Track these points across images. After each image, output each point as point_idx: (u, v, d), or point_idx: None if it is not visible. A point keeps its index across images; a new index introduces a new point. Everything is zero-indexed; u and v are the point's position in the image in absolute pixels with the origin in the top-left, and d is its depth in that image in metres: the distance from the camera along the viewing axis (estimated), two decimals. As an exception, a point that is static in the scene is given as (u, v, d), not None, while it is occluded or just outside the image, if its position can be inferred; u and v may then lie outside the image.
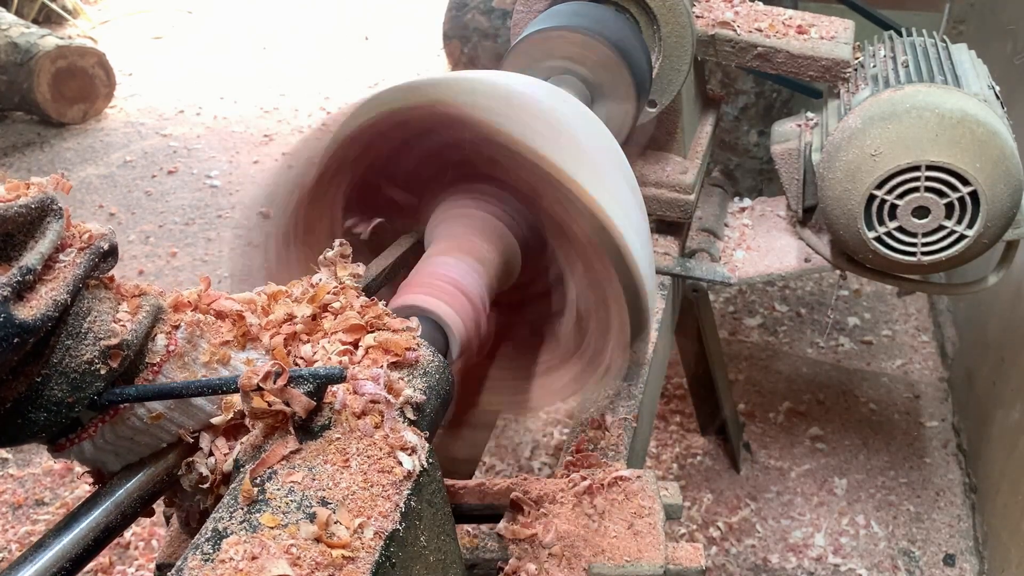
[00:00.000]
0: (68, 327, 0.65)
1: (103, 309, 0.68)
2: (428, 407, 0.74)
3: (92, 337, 0.66)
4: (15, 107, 4.12)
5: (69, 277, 0.64)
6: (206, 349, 0.73)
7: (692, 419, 2.44)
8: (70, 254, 0.66)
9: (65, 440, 0.69)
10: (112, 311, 0.68)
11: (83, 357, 0.65)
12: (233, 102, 4.49)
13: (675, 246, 1.68)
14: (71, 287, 0.64)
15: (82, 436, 0.68)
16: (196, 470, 0.72)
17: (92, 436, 0.69)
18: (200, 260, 3.16)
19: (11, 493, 2.15)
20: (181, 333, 0.71)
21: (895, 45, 1.68)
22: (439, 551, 0.70)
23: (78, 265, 0.65)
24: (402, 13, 5.79)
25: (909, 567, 2.05)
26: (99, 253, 0.67)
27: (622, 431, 1.15)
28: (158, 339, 0.70)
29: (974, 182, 1.40)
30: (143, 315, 0.69)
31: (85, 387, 0.66)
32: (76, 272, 0.65)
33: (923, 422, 2.48)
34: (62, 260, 0.65)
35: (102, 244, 0.68)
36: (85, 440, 0.69)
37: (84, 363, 0.65)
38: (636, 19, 1.54)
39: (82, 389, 0.66)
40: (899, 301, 2.98)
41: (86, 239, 0.67)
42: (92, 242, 0.67)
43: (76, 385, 0.65)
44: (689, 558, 0.93)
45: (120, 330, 0.67)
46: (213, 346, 0.73)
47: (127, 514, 0.70)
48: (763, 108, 3.10)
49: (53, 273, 0.64)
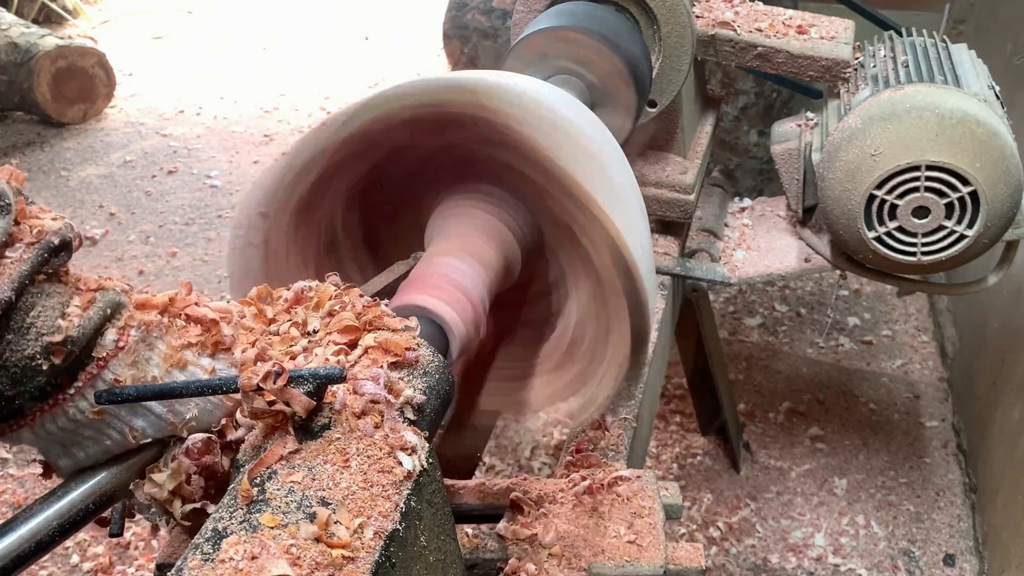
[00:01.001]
0: (11, 322, 0.65)
1: (50, 304, 0.67)
2: (428, 407, 0.74)
3: (35, 333, 0.66)
4: (15, 107, 4.12)
5: (14, 274, 0.65)
6: (163, 350, 0.72)
7: (692, 419, 2.43)
8: (17, 250, 0.66)
9: (4, 426, 0.69)
10: (61, 306, 0.68)
11: (24, 352, 0.65)
12: (233, 102, 4.49)
13: (675, 246, 1.68)
14: (15, 284, 0.64)
15: (20, 424, 0.69)
16: (152, 483, 0.72)
17: (30, 424, 0.69)
18: (200, 260, 3.16)
19: (11, 493, 2.15)
20: (134, 331, 0.71)
21: (895, 45, 1.68)
22: (439, 551, 0.70)
23: (24, 261, 0.65)
24: (402, 13, 5.79)
25: (909, 567, 2.05)
26: (48, 248, 0.67)
27: (622, 431, 1.15)
28: (107, 334, 0.70)
29: (974, 182, 1.40)
30: (94, 310, 0.69)
31: (26, 381, 0.66)
32: (22, 268, 0.65)
33: (923, 422, 2.48)
34: (8, 256, 0.65)
35: (52, 240, 0.68)
36: (24, 428, 0.69)
37: (25, 358, 0.65)
38: (636, 19, 1.54)
39: (23, 383, 0.66)
40: (899, 301, 2.98)
41: (36, 234, 0.67)
42: (41, 237, 0.67)
43: (16, 379, 0.66)
44: (689, 558, 0.93)
45: (66, 326, 0.67)
46: (172, 348, 0.72)
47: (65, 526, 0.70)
48: (763, 108, 3.10)
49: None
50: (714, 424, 2.36)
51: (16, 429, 0.69)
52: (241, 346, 0.75)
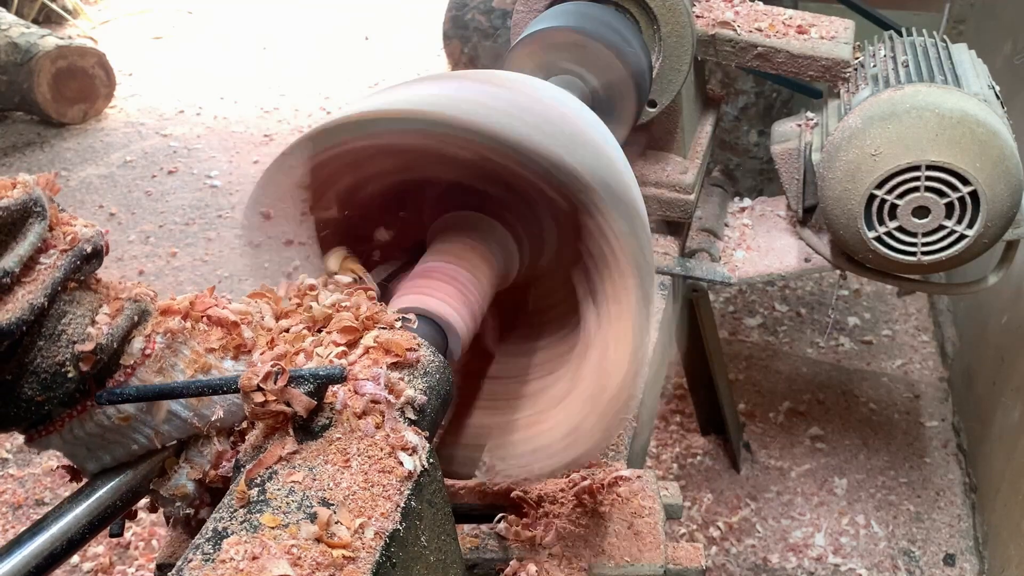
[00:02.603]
0: (43, 329, 0.65)
1: (80, 312, 0.68)
2: (429, 407, 0.74)
3: (66, 340, 0.66)
4: (15, 107, 4.11)
5: (48, 280, 0.65)
6: (187, 356, 0.73)
7: (692, 419, 2.43)
8: (51, 256, 0.66)
9: (34, 432, 0.70)
10: (91, 313, 0.68)
11: (55, 359, 0.66)
12: (233, 102, 4.48)
13: (675, 246, 1.68)
14: (49, 290, 0.65)
15: (49, 429, 0.69)
16: (174, 479, 0.73)
17: (59, 430, 0.69)
18: (200, 260, 3.16)
19: (11, 493, 2.15)
20: (160, 338, 0.71)
21: (895, 45, 1.68)
22: (439, 551, 0.70)
23: (58, 268, 0.66)
24: (402, 13, 5.79)
25: (909, 567, 2.05)
26: (81, 256, 0.68)
27: (622, 431, 1.15)
28: (135, 342, 0.71)
29: (974, 182, 1.40)
30: (122, 318, 0.69)
31: (56, 387, 0.66)
32: (55, 275, 0.65)
33: (923, 422, 2.48)
34: (43, 262, 0.66)
35: (85, 247, 0.68)
36: (53, 434, 0.70)
37: (56, 364, 0.66)
38: (636, 19, 1.54)
39: (52, 389, 0.66)
40: (899, 301, 2.98)
41: (69, 241, 0.67)
42: (75, 244, 0.67)
43: (47, 385, 0.66)
44: (689, 558, 0.93)
45: (95, 334, 0.67)
46: (196, 353, 0.73)
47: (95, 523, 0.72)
48: (763, 108, 3.10)
49: (32, 275, 0.65)
50: (714, 424, 2.36)
51: (46, 434, 0.70)
52: (260, 348, 0.75)
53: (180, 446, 0.75)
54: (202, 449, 0.74)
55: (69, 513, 0.71)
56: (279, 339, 0.76)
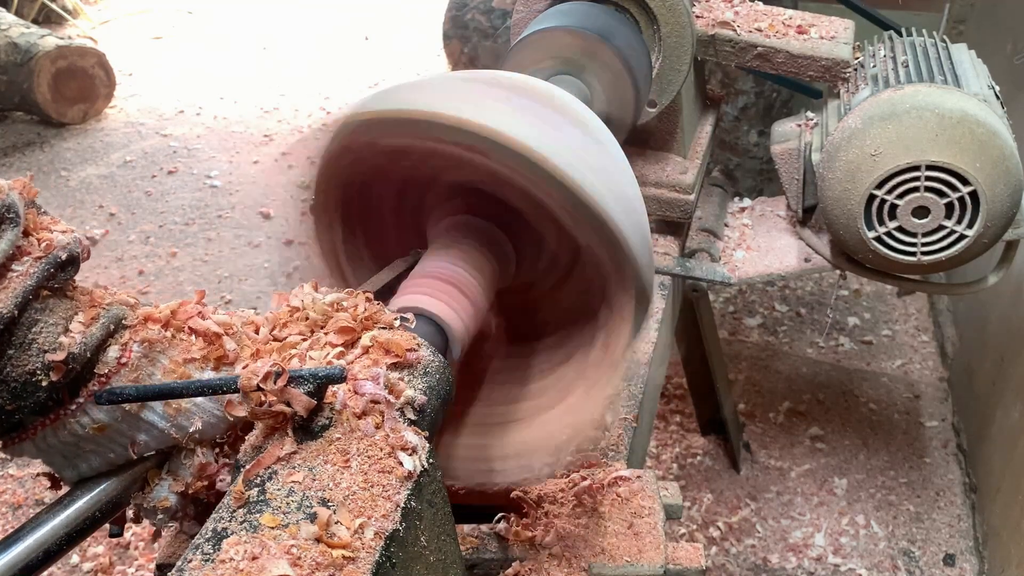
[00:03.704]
0: (13, 337, 0.65)
1: (53, 320, 0.67)
2: (429, 407, 0.74)
3: (36, 349, 0.66)
4: (15, 107, 4.11)
5: (19, 288, 0.64)
6: (166, 365, 0.72)
7: (692, 419, 2.43)
8: (24, 263, 0.65)
9: (7, 439, 0.69)
10: (64, 322, 0.68)
11: (25, 368, 0.65)
12: (233, 102, 4.48)
13: (675, 246, 1.68)
14: (19, 298, 0.64)
15: (22, 436, 0.69)
16: (156, 491, 0.73)
17: (32, 437, 0.69)
18: (200, 260, 3.15)
19: (11, 493, 2.15)
20: (137, 347, 0.70)
21: (895, 45, 1.68)
22: (439, 551, 0.70)
23: (30, 276, 0.65)
24: (402, 13, 5.79)
25: (909, 567, 2.05)
26: (56, 263, 0.67)
27: (622, 431, 1.15)
28: (111, 350, 0.70)
29: (974, 182, 1.40)
30: (97, 327, 0.69)
31: (26, 396, 0.66)
32: (27, 283, 0.65)
33: (923, 422, 2.48)
34: (15, 270, 0.65)
35: (60, 254, 0.67)
36: (26, 441, 0.69)
37: (26, 373, 0.65)
38: (636, 19, 1.54)
39: (23, 398, 0.66)
40: (899, 301, 2.98)
41: (44, 248, 0.67)
42: (49, 252, 0.67)
43: (17, 394, 0.66)
44: (689, 558, 0.93)
45: (67, 343, 0.67)
46: (175, 363, 0.72)
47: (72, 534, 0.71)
48: (763, 108, 3.10)
49: (3, 283, 0.64)
50: (714, 424, 2.36)
51: (18, 442, 0.69)
52: (243, 361, 0.74)
53: (163, 458, 0.74)
54: (185, 461, 0.73)
55: (46, 524, 0.70)
56: (266, 350, 0.75)
